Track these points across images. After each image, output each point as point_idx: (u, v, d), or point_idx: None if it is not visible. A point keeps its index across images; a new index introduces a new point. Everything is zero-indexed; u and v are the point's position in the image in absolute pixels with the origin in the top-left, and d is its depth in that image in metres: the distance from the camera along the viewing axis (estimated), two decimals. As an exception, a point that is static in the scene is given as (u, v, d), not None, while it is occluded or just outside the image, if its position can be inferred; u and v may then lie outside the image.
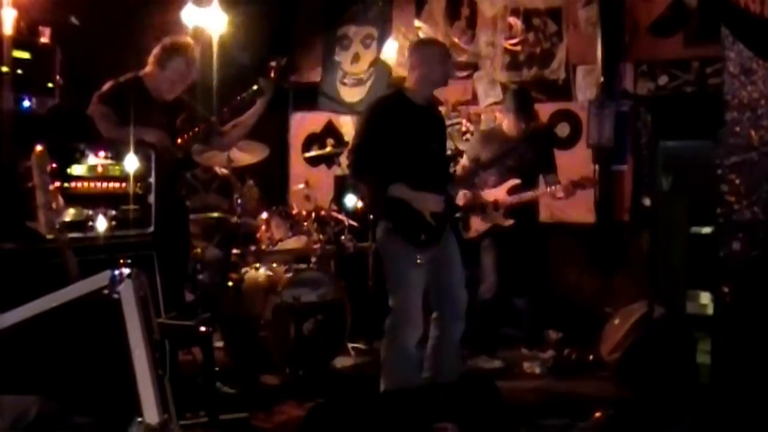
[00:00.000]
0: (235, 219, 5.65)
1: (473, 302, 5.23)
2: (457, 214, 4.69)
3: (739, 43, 3.28)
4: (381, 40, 7.98)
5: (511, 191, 5.82)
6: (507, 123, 5.91)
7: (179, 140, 4.64)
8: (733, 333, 3.42)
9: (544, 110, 7.06)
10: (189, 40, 4.82)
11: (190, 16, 6.18)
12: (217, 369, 4.60)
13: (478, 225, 5.90)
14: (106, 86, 4.59)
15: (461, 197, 5.79)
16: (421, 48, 4.68)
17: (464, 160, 6.00)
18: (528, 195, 5.85)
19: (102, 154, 3.92)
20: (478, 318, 5.67)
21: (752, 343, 3.36)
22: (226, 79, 6.17)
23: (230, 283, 5.61)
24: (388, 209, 4.43)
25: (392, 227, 4.44)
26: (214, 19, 6.36)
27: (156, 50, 4.68)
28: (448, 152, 5.74)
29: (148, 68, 4.69)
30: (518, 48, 7.41)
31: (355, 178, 4.82)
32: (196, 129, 4.66)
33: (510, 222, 5.84)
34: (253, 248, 5.92)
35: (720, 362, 3.54)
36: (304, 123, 8.38)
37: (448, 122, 7.54)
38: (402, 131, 4.44)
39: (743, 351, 3.39)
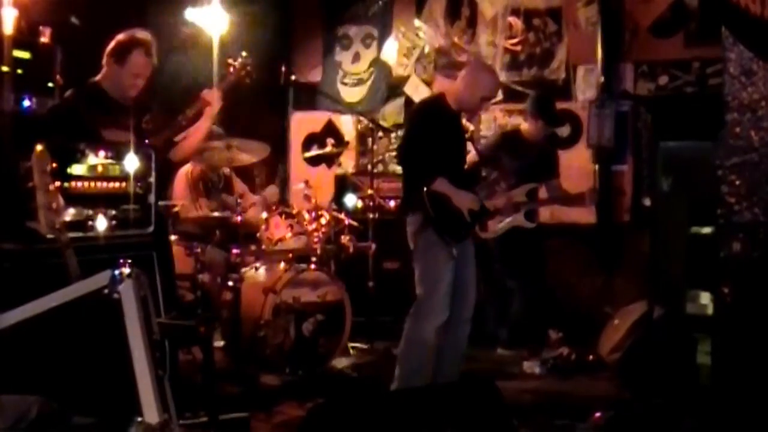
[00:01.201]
0: (236, 218, 5.63)
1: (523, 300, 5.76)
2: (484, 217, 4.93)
3: (740, 44, 3.28)
4: (381, 40, 7.98)
5: (530, 194, 5.87)
6: (529, 127, 5.96)
7: (148, 142, 4.57)
8: (733, 334, 3.41)
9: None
10: (146, 33, 4.72)
11: (190, 16, 6.17)
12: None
13: (494, 225, 5.88)
14: (66, 95, 4.49)
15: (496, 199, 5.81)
16: (475, 70, 4.89)
17: (471, 156, 6.01)
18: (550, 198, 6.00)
19: (102, 153, 3.91)
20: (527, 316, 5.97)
21: (753, 344, 3.36)
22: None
23: (230, 283, 5.60)
24: (428, 202, 4.54)
25: (429, 219, 4.55)
26: (215, 19, 6.34)
27: (111, 47, 4.52)
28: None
29: (105, 69, 4.53)
30: (518, 48, 7.41)
31: (404, 165, 4.89)
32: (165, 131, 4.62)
33: (533, 225, 5.90)
34: (253, 248, 5.92)
35: (720, 363, 3.54)
36: (304, 122, 8.38)
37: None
38: (445, 133, 4.68)
39: (744, 352, 3.39)
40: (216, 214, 5.60)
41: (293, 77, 7.67)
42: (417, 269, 4.65)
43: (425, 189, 4.52)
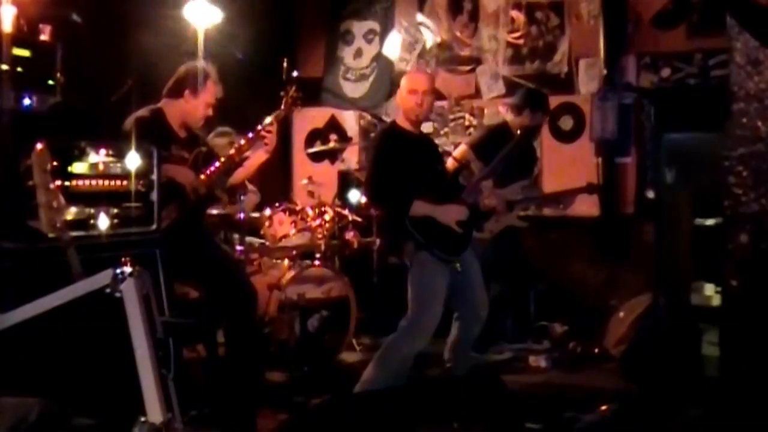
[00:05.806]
0: (238, 215, 5.61)
1: None
2: (481, 219, 4.89)
3: (746, 33, 3.25)
4: (383, 35, 7.95)
5: (523, 191, 5.83)
6: (519, 120, 5.84)
7: (203, 176, 4.54)
8: (740, 326, 3.39)
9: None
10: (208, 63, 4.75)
11: (191, 12, 6.15)
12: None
13: (491, 226, 5.80)
14: (127, 122, 4.44)
15: (487, 198, 5.75)
16: (401, 80, 4.90)
17: (462, 149, 5.92)
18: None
19: (103, 151, 3.89)
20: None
21: (760, 336, 3.34)
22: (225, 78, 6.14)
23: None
24: (413, 228, 4.50)
25: (422, 245, 4.52)
26: (215, 15, 6.32)
27: (187, 77, 4.58)
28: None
29: (175, 99, 4.60)
30: (521, 41, 7.38)
31: (376, 205, 5.01)
32: (219, 164, 4.56)
33: (525, 224, 5.88)
34: (257, 244, 5.91)
35: (727, 355, 3.52)
36: (306, 118, 8.35)
37: (451, 116, 7.56)
38: (406, 158, 4.61)
39: (751, 344, 3.37)
40: (215, 211, 5.57)
41: (295, 73, 7.66)
42: (411, 289, 4.61)
43: (406, 219, 4.48)
